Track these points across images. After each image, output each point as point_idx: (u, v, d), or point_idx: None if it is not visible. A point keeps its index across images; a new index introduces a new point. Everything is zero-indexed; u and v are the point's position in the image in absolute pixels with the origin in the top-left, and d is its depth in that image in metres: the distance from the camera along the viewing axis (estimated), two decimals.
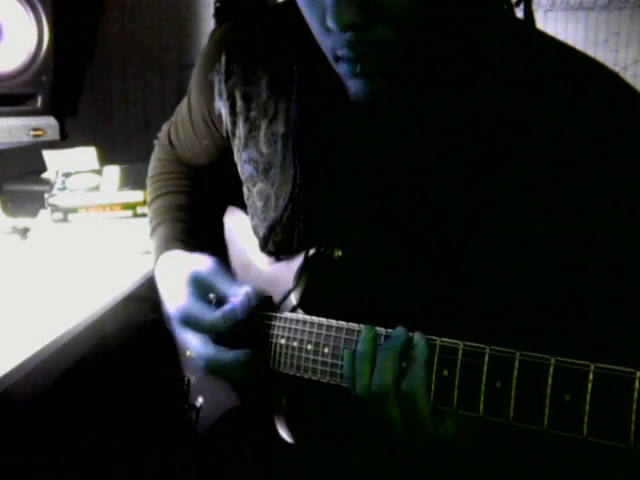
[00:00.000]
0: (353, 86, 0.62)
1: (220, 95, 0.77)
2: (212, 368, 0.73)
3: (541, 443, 0.58)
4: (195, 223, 0.89)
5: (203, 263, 0.75)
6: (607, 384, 0.47)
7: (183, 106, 0.91)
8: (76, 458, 1.18)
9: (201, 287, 0.74)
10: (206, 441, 0.83)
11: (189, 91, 0.88)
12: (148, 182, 1.00)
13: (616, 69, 0.62)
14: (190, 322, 0.72)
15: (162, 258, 0.82)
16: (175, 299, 0.74)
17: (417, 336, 0.57)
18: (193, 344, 0.73)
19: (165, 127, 1.00)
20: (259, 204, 0.76)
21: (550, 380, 0.50)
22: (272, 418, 0.71)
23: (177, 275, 0.76)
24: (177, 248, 0.82)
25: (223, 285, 0.72)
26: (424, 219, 0.65)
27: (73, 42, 1.76)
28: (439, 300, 0.63)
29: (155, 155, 1.01)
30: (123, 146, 2.12)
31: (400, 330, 0.58)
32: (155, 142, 1.03)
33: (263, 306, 0.73)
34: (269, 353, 0.70)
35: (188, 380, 0.86)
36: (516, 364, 0.51)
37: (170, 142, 0.97)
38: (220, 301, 0.73)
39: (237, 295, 0.70)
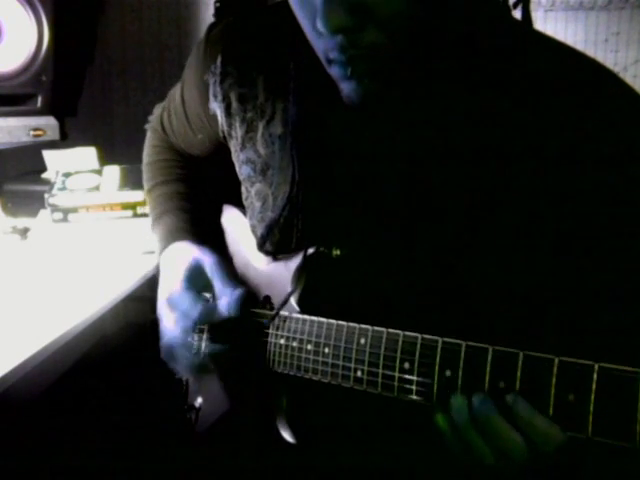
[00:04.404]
0: (345, 88, 0.62)
1: (215, 97, 0.77)
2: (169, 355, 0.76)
3: None
4: (198, 212, 0.89)
5: (206, 257, 0.76)
6: (611, 383, 0.47)
7: (176, 95, 0.89)
8: (76, 458, 1.18)
9: (197, 278, 0.76)
10: (206, 441, 0.83)
11: (182, 81, 0.87)
12: (144, 169, 0.98)
13: (616, 69, 0.62)
14: (175, 306, 0.75)
15: (168, 249, 0.83)
16: (170, 285, 0.77)
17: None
18: (167, 327, 0.75)
19: (157, 111, 0.98)
20: (257, 204, 0.76)
21: (554, 379, 0.49)
22: (273, 418, 0.71)
23: (178, 264, 0.78)
24: (184, 239, 0.82)
25: (218, 283, 0.74)
26: (422, 217, 0.65)
27: (73, 42, 1.76)
28: (439, 298, 0.63)
29: (149, 142, 1.00)
30: (123, 146, 2.12)
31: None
32: (147, 127, 1.01)
33: (262, 306, 0.73)
34: (268, 353, 0.70)
35: (186, 380, 0.86)
36: (519, 363, 0.51)
37: (163, 129, 0.95)
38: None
39: (224, 297, 0.72)
